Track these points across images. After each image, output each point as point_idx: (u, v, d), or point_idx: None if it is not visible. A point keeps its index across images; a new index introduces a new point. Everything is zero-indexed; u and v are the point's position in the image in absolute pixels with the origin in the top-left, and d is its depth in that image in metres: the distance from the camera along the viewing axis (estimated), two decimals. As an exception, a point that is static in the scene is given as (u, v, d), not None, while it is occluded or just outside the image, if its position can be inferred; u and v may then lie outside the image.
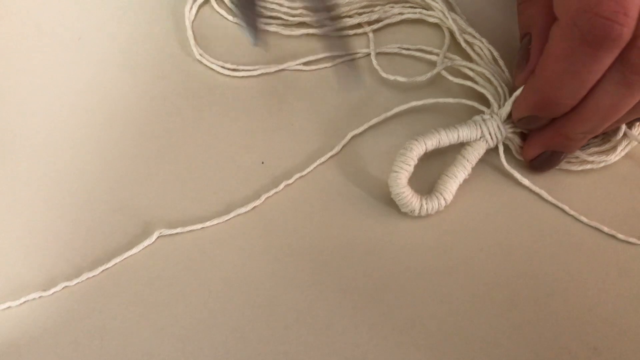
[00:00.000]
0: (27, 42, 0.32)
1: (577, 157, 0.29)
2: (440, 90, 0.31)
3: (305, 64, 0.32)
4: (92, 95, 0.31)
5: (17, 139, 0.29)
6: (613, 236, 0.28)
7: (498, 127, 0.28)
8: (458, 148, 0.29)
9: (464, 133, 0.28)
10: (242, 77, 0.31)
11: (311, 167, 0.29)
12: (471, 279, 0.27)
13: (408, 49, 0.32)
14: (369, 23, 0.32)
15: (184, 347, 0.26)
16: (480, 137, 0.28)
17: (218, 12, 0.33)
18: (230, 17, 0.33)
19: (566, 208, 0.29)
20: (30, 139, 0.29)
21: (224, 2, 0.33)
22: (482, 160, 0.29)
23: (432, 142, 0.28)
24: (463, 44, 0.31)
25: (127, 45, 0.32)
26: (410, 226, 0.28)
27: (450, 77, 0.30)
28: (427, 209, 0.27)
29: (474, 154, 0.28)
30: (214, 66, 0.31)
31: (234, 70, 0.31)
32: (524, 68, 0.27)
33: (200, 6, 0.33)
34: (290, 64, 0.31)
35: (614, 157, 0.29)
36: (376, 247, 0.28)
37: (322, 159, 0.29)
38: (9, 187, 0.28)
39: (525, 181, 0.29)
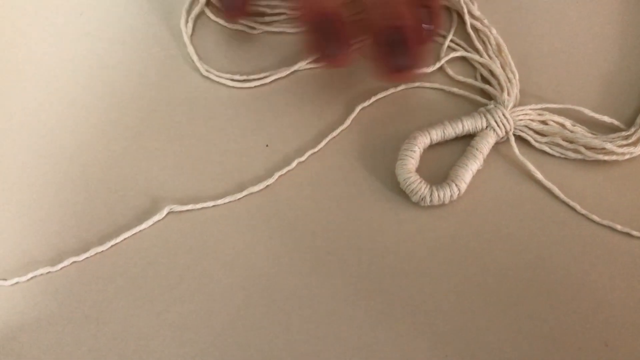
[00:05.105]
0: (28, 15, 0.32)
1: (604, 148, 0.28)
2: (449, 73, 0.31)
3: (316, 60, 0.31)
4: (97, 71, 0.30)
5: (23, 114, 0.29)
6: (627, 233, 0.27)
7: (503, 115, 0.28)
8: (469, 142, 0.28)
9: (468, 123, 0.28)
10: (255, 86, 0.30)
11: (323, 143, 0.28)
12: (479, 272, 0.26)
13: None
14: None
15: (181, 335, 0.25)
16: (487, 127, 0.28)
17: (215, 22, 0.32)
18: (228, 25, 0.31)
19: (577, 207, 0.28)
20: (37, 114, 0.29)
21: (220, 10, 0.32)
22: (498, 153, 0.28)
23: (436, 132, 0.28)
24: (469, 29, 0.31)
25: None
26: (420, 214, 0.28)
27: (452, 73, 0.30)
28: (438, 196, 0.27)
29: (482, 142, 0.28)
30: (223, 80, 0.30)
31: (244, 81, 0.30)
32: None
33: (195, 18, 0.31)
34: (302, 64, 0.30)
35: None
36: (385, 234, 0.27)
37: (334, 134, 0.29)
38: (17, 162, 0.28)
39: (538, 174, 0.28)
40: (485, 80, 0.30)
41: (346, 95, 0.30)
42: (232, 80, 0.30)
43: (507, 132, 0.28)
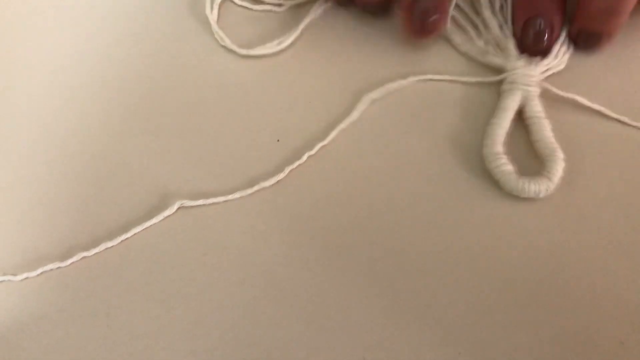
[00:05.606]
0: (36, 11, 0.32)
1: None
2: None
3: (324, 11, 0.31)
4: (106, 65, 0.30)
5: (34, 108, 0.29)
6: None
7: (530, 76, 0.28)
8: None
9: (512, 106, 0.28)
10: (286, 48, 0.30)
11: (332, 135, 0.28)
12: (490, 266, 0.26)
13: None
14: None
15: (191, 330, 0.25)
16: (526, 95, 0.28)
17: (241, 6, 0.32)
18: (254, 7, 0.32)
19: (627, 119, 0.28)
20: (47, 109, 0.29)
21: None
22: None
23: (502, 129, 0.27)
24: None
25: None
26: (432, 206, 0.27)
27: (458, 40, 0.30)
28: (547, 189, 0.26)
29: (536, 107, 0.28)
30: (258, 52, 0.30)
31: (279, 44, 0.30)
32: None
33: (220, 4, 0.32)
34: (313, 14, 0.31)
35: None
36: (395, 226, 0.27)
37: (342, 125, 0.28)
38: (26, 157, 0.28)
39: (585, 101, 0.28)
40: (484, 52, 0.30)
41: (354, 84, 0.30)
42: (266, 48, 0.30)
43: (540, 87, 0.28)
